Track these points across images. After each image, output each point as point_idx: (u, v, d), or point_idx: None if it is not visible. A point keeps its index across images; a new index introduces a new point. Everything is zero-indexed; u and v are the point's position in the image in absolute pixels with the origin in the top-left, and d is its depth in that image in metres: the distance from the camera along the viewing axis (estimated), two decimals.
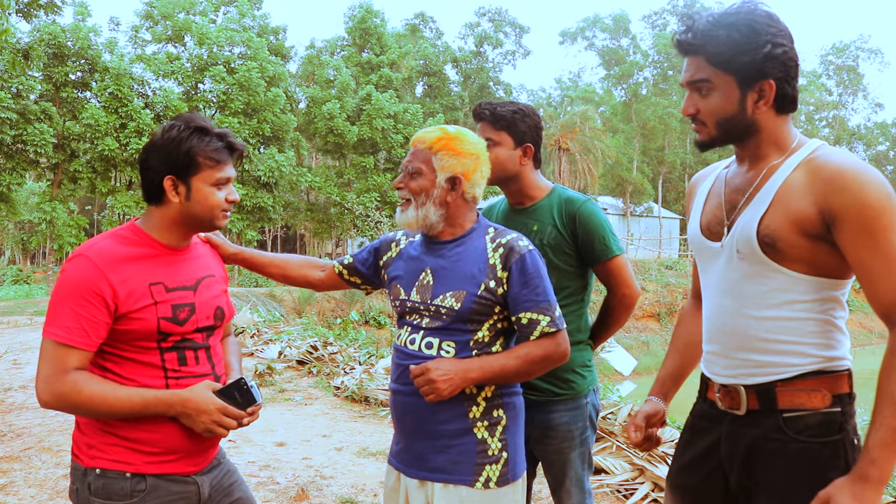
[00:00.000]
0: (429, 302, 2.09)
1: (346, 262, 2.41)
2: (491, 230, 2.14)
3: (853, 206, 1.56)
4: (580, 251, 2.51)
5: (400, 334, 2.18)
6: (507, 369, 2.00)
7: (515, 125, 2.52)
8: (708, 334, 1.88)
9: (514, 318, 2.05)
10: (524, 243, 2.08)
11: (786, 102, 1.71)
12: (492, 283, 2.03)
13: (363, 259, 2.37)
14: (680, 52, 1.77)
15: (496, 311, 2.05)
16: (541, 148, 2.64)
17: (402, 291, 2.17)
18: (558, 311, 2.07)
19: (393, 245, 2.32)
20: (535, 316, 2.02)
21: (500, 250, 2.06)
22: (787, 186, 1.67)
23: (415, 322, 2.12)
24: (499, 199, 2.79)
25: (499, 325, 2.08)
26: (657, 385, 2.14)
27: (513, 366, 2.00)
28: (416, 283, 2.14)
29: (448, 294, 2.06)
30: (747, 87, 1.69)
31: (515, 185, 2.59)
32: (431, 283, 2.11)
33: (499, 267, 2.04)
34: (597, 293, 2.70)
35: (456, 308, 2.03)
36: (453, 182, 2.10)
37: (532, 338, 2.03)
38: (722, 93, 1.71)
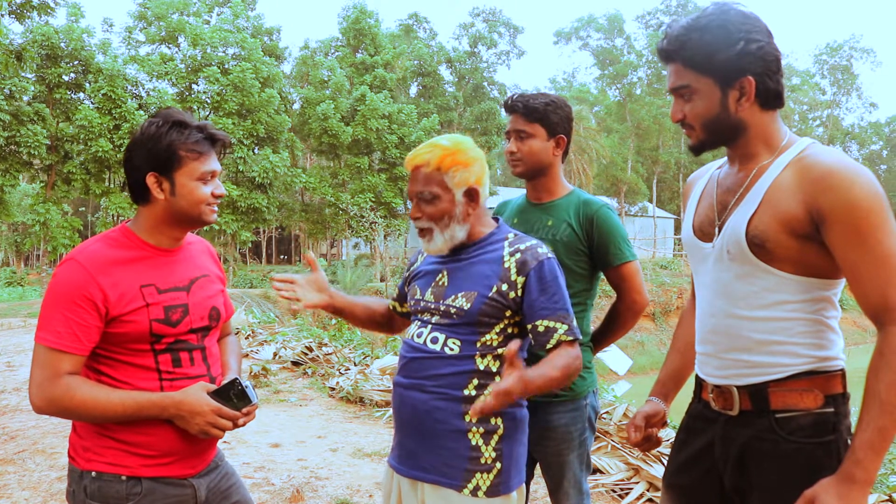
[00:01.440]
0: (440, 302, 2.08)
1: (395, 295, 2.40)
2: (511, 235, 2.13)
3: (842, 205, 1.56)
4: (593, 254, 2.53)
5: (410, 329, 2.18)
6: (553, 378, 1.93)
7: (548, 117, 2.54)
8: (700, 335, 1.88)
9: (529, 326, 2.02)
10: (543, 250, 2.06)
11: (769, 97, 1.72)
12: (504, 287, 2.02)
13: (403, 282, 2.37)
14: (661, 60, 1.79)
15: (507, 315, 2.03)
16: (571, 138, 2.66)
17: (419, 291, 2.18)
18: (575, 322, 2.04)
19: (420, 255, 2.32)
20: (552, 324, 1.99)
21: (518, 255, 2.04)
22: (776, 186, 1.67)
23: (425, 318, 2.12)
24: (517, 195, 2.80)
25: (509, 331, 2.05)
26: (657, 386, 2.14)
27: (557, 375, 1.93)
28: (432, 285, 2.14)
29: (460, 294, 2.05)
30: (727, 85, 1.70)
31: (544, 179, 2.61)
32: (446, 284, 2.11)
33: (513, 271, 2.02)
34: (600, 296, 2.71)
35: (466, 308, 2.02)
36: (471, 194, 2.08)
37: (549, 346, 1.99)
38: (703, 95, 1.72)
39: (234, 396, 1.93)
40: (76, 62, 30.49)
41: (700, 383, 1.91)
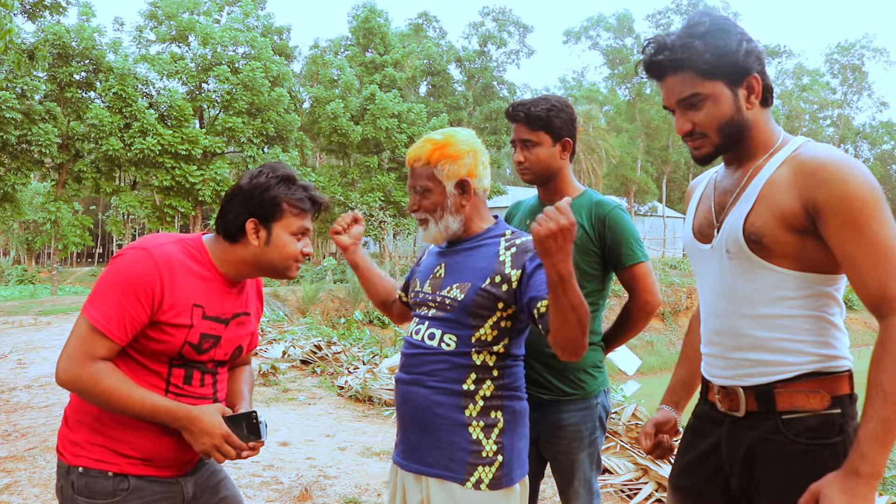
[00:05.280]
0: (437, 293, 2.13)
1: (401, 285, 2.46)
2: (508, 232, 2.16)
3: (836, 198, 1.57)
4: (605, 255, 2.53)
5: (409, 325, 2.22)
6: (583, 304, 1.84)
7: (551, 122, 2.53)
8: (705, 336, 1.89)
9: (534, 312, 1.97)
10: None
11: (768, 94, 1.76)
12: (497, 279, 2.04)
13: (409, 274, 2.42)
14: (656, 74, 1.77)
15: (499, 307, 2.05)
16: (577, 139, 2.66)
17: (418, 283, 2.24)
18: None
19: (426, 250, 2.38)
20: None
21: (513, 249, 2.08)
22: (772, 183, 1.68)
23: (423, 313, 2.17)
24: (527, 195, 2.80)
25: (502, 325, 2.07)
26: (668, 394, 2.15)
27: (583, 311, 1.85)
28: (431, 277, 2.19)
29: (454, 285, 2.09)
30: (736, 86, 1.72)
31: (555, 183, 2.62)
32: (443, 275, 2.16)
33: (508, 263, 2.05)
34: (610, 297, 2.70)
35: (459, 299, 2.05)
36: (462, 186, 2.13)
37: None
38: (715, 99, 1.72)
39: (246, 427, 1.94)
40: (87, 61, 30.65)
41: (706, 384, 1.91)
